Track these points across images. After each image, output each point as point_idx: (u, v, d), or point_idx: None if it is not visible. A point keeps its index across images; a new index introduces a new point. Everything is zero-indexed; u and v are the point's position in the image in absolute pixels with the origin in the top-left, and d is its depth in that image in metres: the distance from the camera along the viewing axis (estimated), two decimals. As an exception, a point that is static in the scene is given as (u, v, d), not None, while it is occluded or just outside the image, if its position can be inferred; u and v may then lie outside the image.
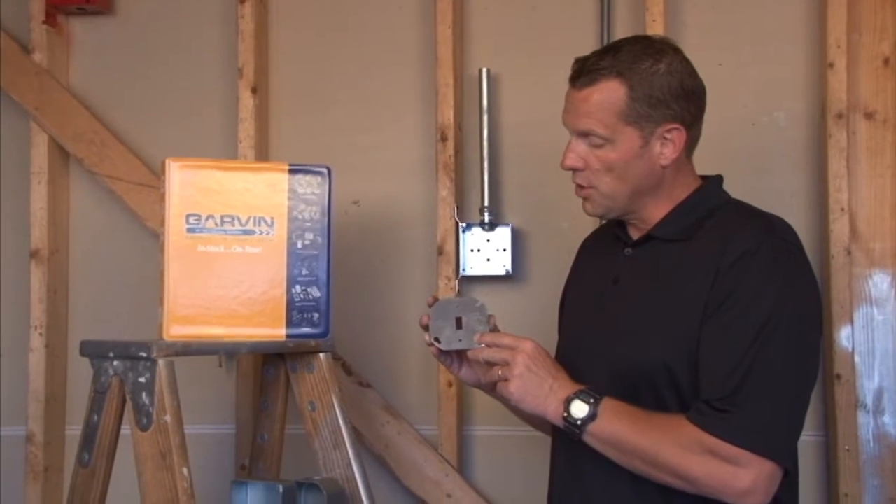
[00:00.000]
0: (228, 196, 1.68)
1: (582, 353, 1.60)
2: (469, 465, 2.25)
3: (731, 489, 1.41)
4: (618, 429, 1.45)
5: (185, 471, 1.54)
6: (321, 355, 1.78)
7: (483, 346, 1.53)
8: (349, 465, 1.75)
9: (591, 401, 1.46)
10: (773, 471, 1.41)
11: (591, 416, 1.46)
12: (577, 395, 1.47)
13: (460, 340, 1.56)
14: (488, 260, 2.21)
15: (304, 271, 1.73)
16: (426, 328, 1.58)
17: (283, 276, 1.71)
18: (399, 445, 2.22)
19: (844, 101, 2.07)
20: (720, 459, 1.40)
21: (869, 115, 2.11)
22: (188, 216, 1.66)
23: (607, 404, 1.46)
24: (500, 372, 1.50)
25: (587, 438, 1.47)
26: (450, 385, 2.18)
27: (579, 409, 1.46)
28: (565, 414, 1.47)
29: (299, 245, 1.72)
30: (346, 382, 2.21)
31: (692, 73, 1.54)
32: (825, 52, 2.09)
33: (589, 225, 1.92)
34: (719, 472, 1.41)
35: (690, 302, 1.47)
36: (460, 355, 1.60)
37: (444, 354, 1.60)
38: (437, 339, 1.56)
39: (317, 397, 1.78)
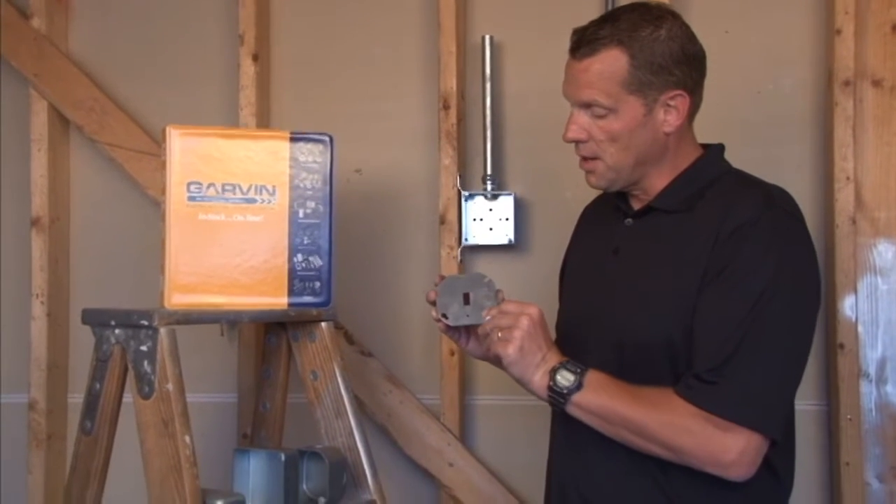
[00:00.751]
0: (229, 164, 1.67)
1: (582, 323, 1.60)
2: (471, 435, 2.25)
3: (717, 461, 1.40)
4: (604, 400, 1.44)
5: (187, 439, 1.54)
6: (323, 324, 1.77)
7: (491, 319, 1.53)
8: (351, 433, 1.76)
9: (577, 371, 1.46)
10: (759, 443, 1.41)
11: (577, 386, 1.45)
12: (562, 366, 1.47)
13: (468, 316, 1.54)
14: (491, 229, 2.20)
15: (306, 240, 1.72)
16: (433, 303, 1.57)
17: (285, 245, 1.71)
18: (401, 415, 2.22)
19: (851, 69, 2.05)
20: (707, 431, 1.39)
21: (876, 83, 2.09)
22: (189, 184, 1.65)
23: (593, 376, 1.46)
24: (499, 334, 1.49)
25: (571, 409, 1.46)
26: (452, 354, 2.18)
27: (564, 379, 1.46)
28: (551, 383, 1.46)
29: (301, 214, 1.71)
30: (348, 351, 2.22)
31: (692, 37, 1.52)
32: (832, 18, 2.07)
33: (592, 194, 1.90)
34: (706, 444, 1.40)
35: (689, 271, 1.46)
36: (468, 329, 1.59)
37: (451, 329, 1.58)
38: (444, 316, 1.55)
39: (319, 366, 1.78)
